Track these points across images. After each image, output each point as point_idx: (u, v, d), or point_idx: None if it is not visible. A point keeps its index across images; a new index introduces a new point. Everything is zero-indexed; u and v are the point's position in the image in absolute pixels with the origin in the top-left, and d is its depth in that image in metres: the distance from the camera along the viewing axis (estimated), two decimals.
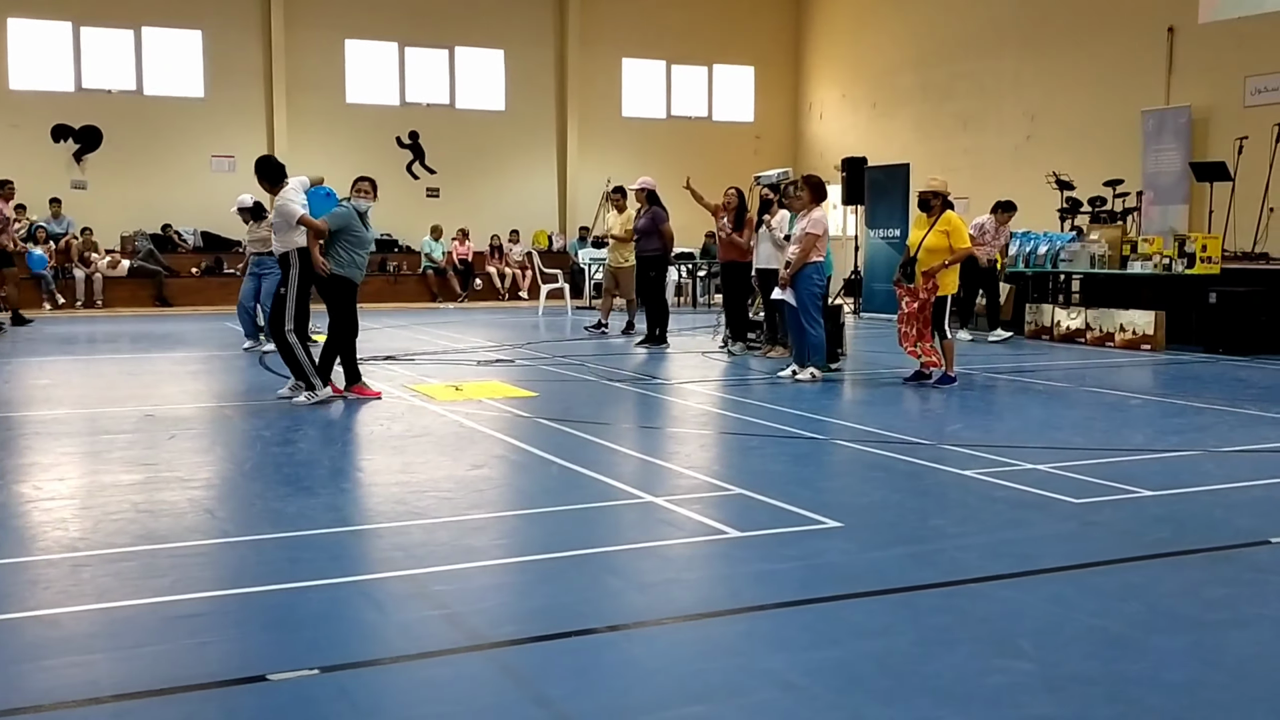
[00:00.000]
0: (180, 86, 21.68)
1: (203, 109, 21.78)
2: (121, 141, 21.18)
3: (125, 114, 21.24)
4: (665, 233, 13.72)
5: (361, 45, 22.88)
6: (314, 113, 22.46)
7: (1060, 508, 5.51)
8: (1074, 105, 19.02)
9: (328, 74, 22.57)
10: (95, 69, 21.15)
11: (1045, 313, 14.39)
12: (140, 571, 4.49)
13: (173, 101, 21.59)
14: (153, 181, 21.27)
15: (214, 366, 11.60)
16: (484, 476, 6.35)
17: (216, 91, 21.84)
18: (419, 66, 23.42)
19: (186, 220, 21.59)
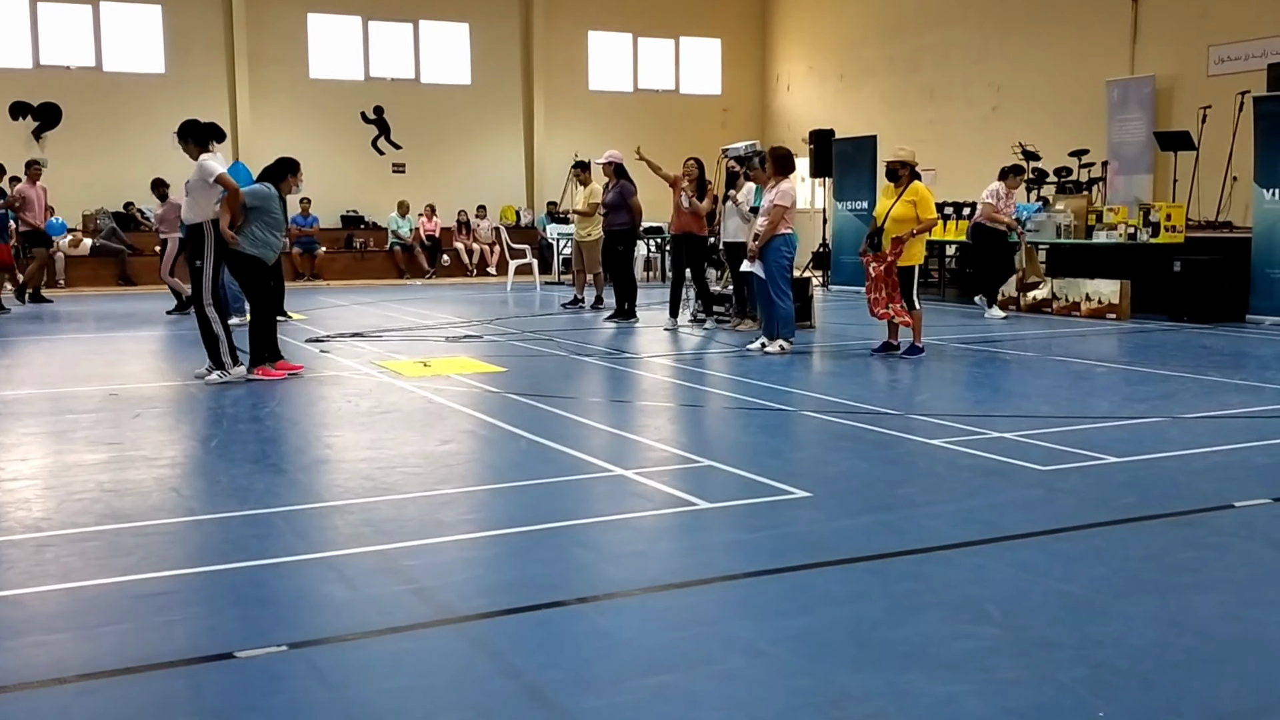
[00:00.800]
0: (140, 62, 21.37)
1: (163, 85, 21.48)
2: (81, 118, 20.87)
3: (84, 90, 20.93)
4: (634, 206, 13.67)
5: (325, 19, 22.61)
6: (277, 88, 22.20)
7: (1027, 475, 5.55)
8: (1039, 76, 19.07)
9: (290, 49, 22.30)
10: (53, 45, 20.80)
11: (1011, 283, 14.45)
12: (105, 550, 4.45)
13: (133, 77, 21.29)
14: (114, 159, 20.98)
15: (178, 345, 11.49)
16: (453, 451, 6.33)
17: (177, 67, 21.54)
18: (383, 41, 23.17)
19: (149, 198, 21.22)
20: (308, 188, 21.43)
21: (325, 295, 17.98)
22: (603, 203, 13.90)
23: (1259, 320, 12.30)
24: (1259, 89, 13.72)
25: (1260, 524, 4.76)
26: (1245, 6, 15.70)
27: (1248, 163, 12.98)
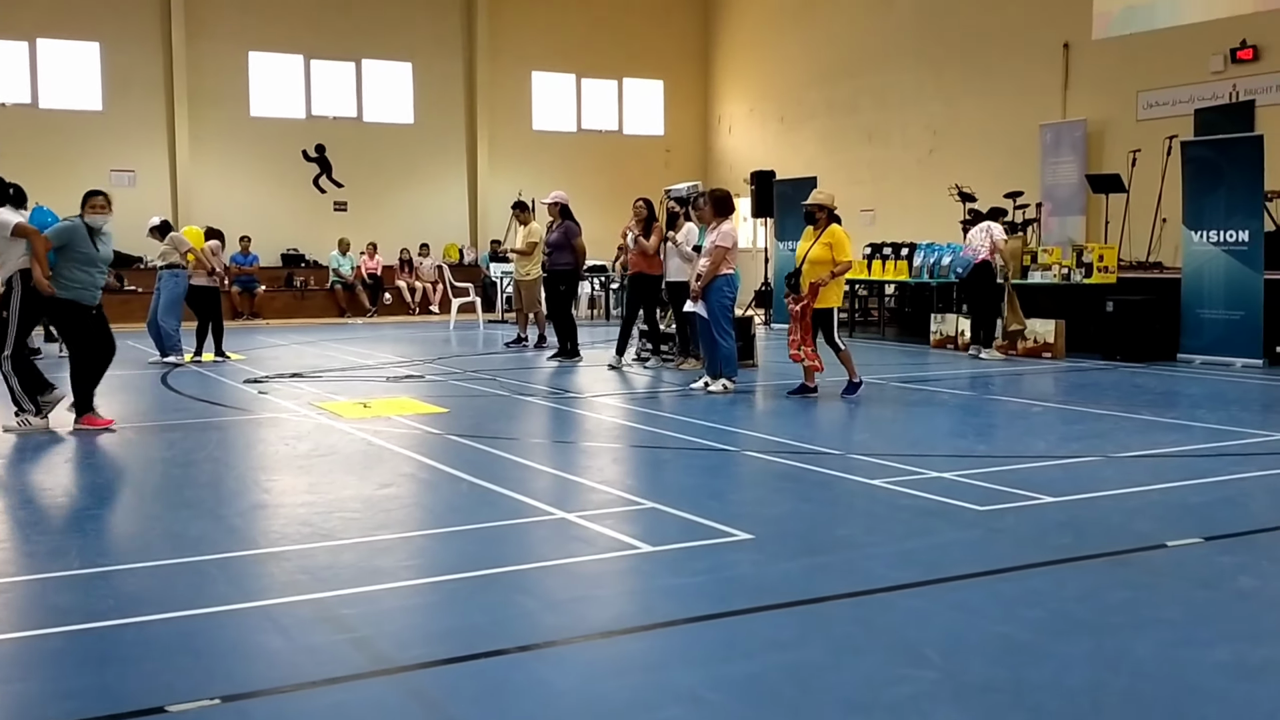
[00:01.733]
0: (78, 99, 21.13)
1: (101, 122, 21.25)
2: (16, 156, 20.45)
3: (20, 127, 20.62)
4: (578, 247, 13.71)
5: (266, 58, 22.52)
6: (217, 126, 22.03)
7: (965, 515, 5.61)
8: (974, 119, 19.46)
9: (231, 87, 22.17)
10: None
11: (950, 322, 14.65)
12: (26, 603, 4.33)
13: (70, 114, 21.03)
14: (49, 196, 20.47)
15: (113, 386, 11.25)
16: (392, 495, 6.27)
17: (115, 104, 21.32)
18: (325, 79, 23.12)
19: None
20: (246, 225, 21.45)
21: (264, 335, 17.78)
22: (546, 242, 13.92)
23: (1189, 359, 12.56)
24: (1186, 133, 14.10)
25: (1192, 564, 4.84)
26: (1172, 54, 16.16)
27: (1177, 205, 13.31)
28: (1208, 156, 12.66)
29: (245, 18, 22.03)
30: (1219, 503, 5.94)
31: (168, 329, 13.03)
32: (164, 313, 13.03)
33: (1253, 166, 12.18)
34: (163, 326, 13.04)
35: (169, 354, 12.97)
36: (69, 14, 20.74)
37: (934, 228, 17.18)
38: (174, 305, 13.07)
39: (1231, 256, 12.29)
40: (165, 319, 13.03)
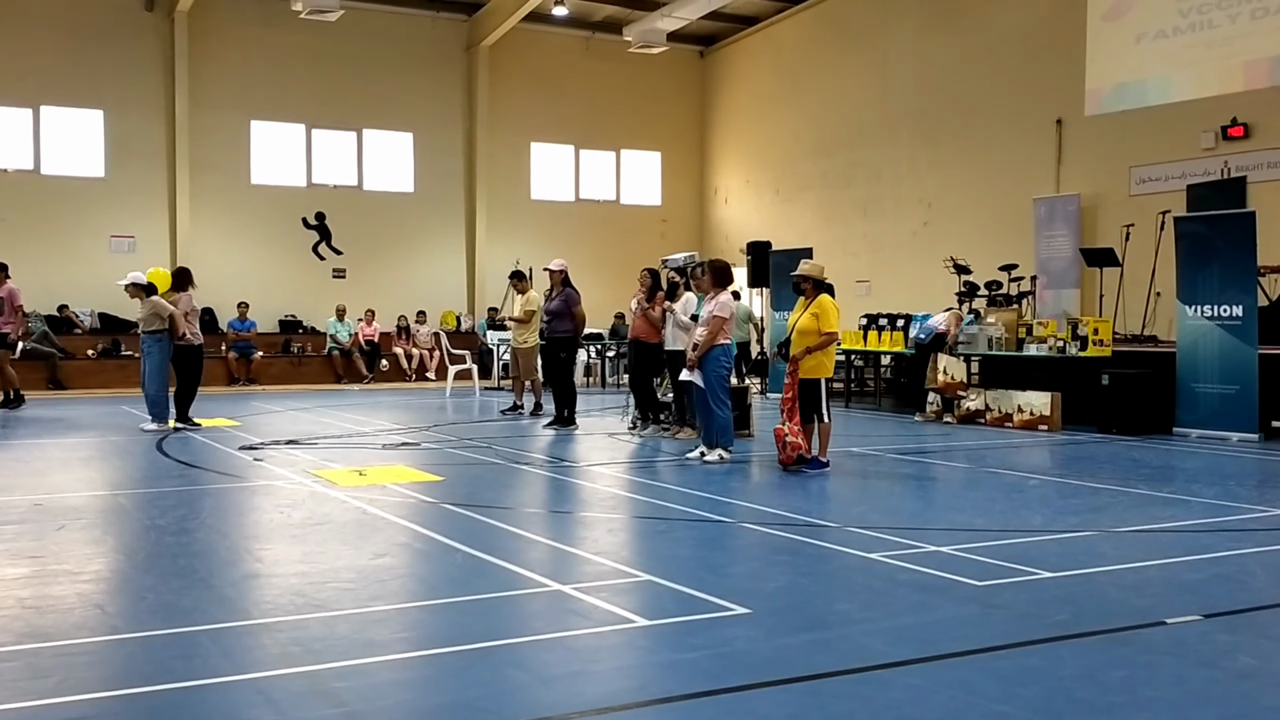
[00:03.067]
0: (80, 166, 21.33)
1: (103, 189, 21.43)
2: (18, 221, 20.69)
3: (22, 193, 20.80)
4: (578, 315, 13.77)
5: (267, 126, 22.78)
6: (217, 193, 22.22)
7: (963, 590, 5.58)
8: (968, 193, 19.67)
9: (232, 155, 22.40)
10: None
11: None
12: (23, 672, 4.29)
13: (72, 181, 21.22)
14: (50, 261, 20.78)
15: (108, 452, 11.27)
16: (386, 566, 6.23)
17: (117, 171, 21.52)
18: (326, 148, 23.37)
19: (84, 301, 21.11)
20: (245, 291, 21.54)
21: (260, 400, 17.77)
22: (546, 309, 13.99)
23: (1185, 433, 12.57)
24: (1179, 209, 14.25)
25: (1191, 641, 4.81)
26: (1164, 131, 16.38)
27: (1171, 279, 13.41)
28: (1201, 232, 12.78)
29: (248, 87, 22.32)
30: (1217, 579, 5.91)
31: (154, 395, 12.93)
32: (148, 380, 12.92)
33: (1245, 241, 12.29)
34: (149, 394, 12.95)
35: (159, 421, 12.89)
36: (73, 82, 21.00)
37: (929, 299, 17.29)
38: (158, 371, 12.90)
39: (1226, 331, 12.36)
40: (151, 386, 12.91)
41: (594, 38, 25.15)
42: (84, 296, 21.06)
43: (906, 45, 20.98)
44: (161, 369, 12.94)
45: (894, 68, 21.23)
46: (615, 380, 21.78)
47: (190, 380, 13.35)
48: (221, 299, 21.52)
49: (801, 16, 23.70)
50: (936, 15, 20.43)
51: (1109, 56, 16.36)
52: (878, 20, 21.69)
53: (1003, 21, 19.14)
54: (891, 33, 21.34)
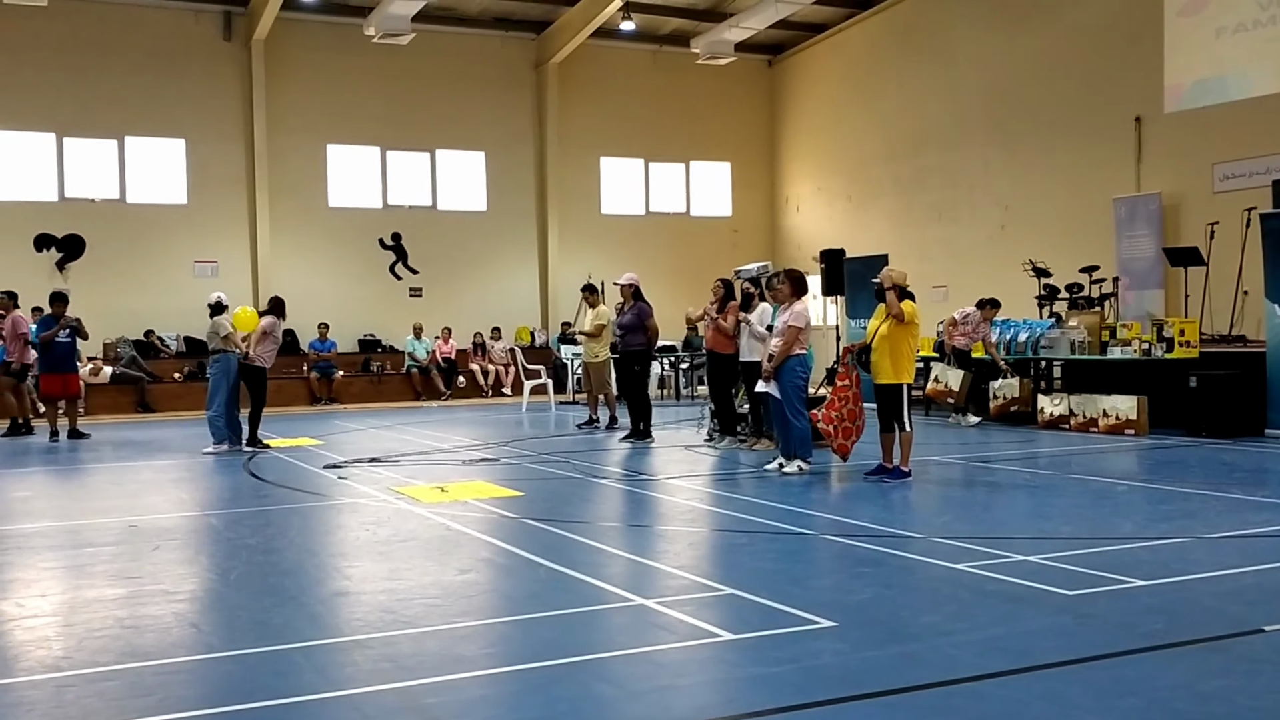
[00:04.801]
0: (163, 194, 21.86)
1: (185, 215, 21.95)
2: (105, 249, 21.29)
3: (108, 222, 21.38)
4: (650, 328, 13.81)
5: (343, 150, 23.17)
6: (296, 217, 22.65)
7: (1053, 600, 5.49)
8: (1046, 194, 19.36)
9: (310, 179, 22.82)
10: (78, 178, 21.33)
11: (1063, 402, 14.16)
12: (125, 691, 4.41)
13: (156, 209, 21.75)
14: (136, 288, 21.34)
15: (198, 473, 11.53)
16: (471, 581, 6.29)
17: (199, 198, 22.03)
18: (401, 169, 23.72)
19: (169, 326, 21.63)
20: (324, 312, 21.92)
21: (342, 419, 18.06)
22: (619, 324, 14.05)
23: (1278, 434, 12.23)
24: (1265, 205, 13.89)
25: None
26: (1246, 125, 15.98)
27: (1258, 277, 13.08)
28: None
29: (323, 112, 22.73)
30: None
31: (212, 415, 13.03)
32: (209, 400, 13.09)
33: None
34: (208, 414, 13.11)
35: (217, 441, 12.97)
36: (156, 112, 21.54)
37: (1008, 304, 17.01)
38: (215, 391, 12.98)
39: None
40: (210, 406, 13.04)
41: (661, 51, 25.22)
42: (170, 321, 21.58)
43: (977, 47, 20.74)
44: (219, 389, 12.98)
45: (965, 70, 21.00)
46: (690, 392, 21.78)
47: (257, 399, 13.38)
48: (302, 320, 21.89)
49: (869, 22, 23.54)
50: (1007, 16, 20.18)
51: (1187, 52, 16.02)
52: (947, 23, 21.48)
53: (1076, 20, 18.83)
54: (961, 35, 21.12)
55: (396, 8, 20.43)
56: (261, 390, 13.42)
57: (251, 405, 13.35)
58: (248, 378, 13.23)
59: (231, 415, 13.11)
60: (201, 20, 21.90)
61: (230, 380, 13.04)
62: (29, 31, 20.40)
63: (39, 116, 20.82)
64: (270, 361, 13.52)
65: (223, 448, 12.94)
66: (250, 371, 13.22)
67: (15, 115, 20.69)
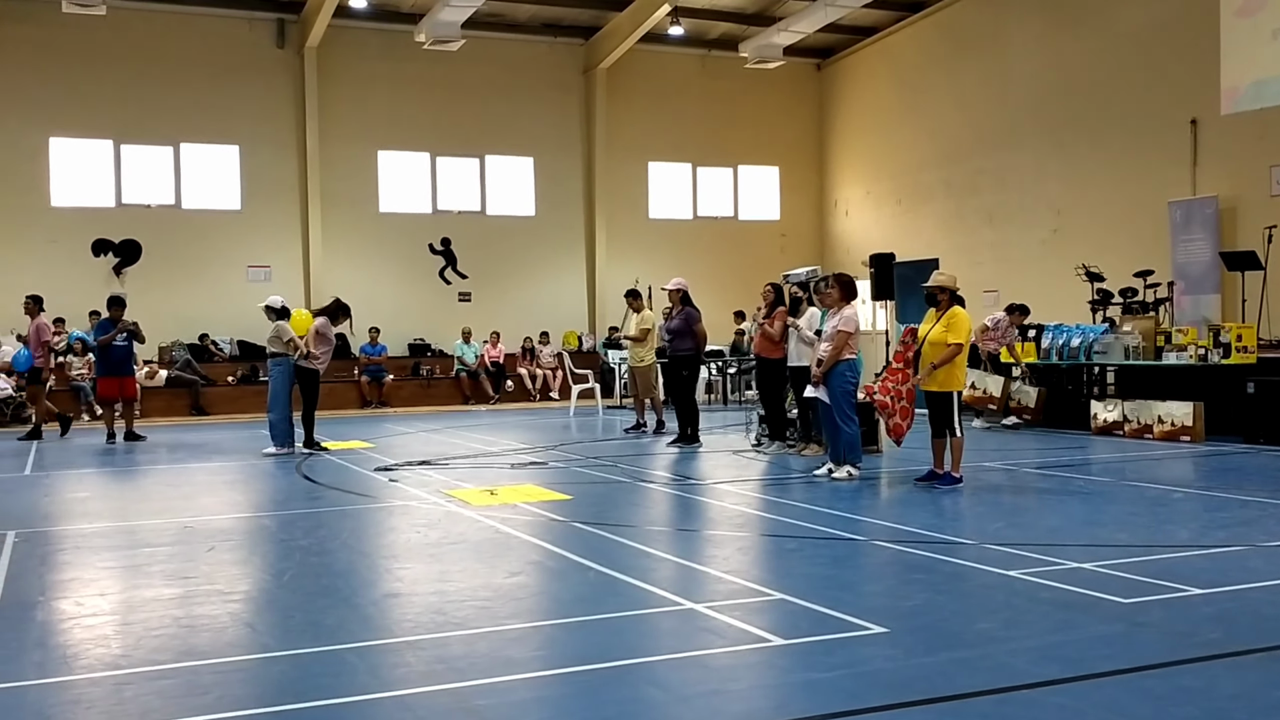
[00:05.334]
0: (218, 199, 22.19)
1: (239, 221, 22.26)
2: (160, 254, 21.63)
3: (164, 227, 21.72)
4: (699, 333, 13.80)
5: (394, 156, 23.40)
6: (348, 222, 22.88)
7: (1108, 608, 5.42)
8: (1099, 198, 19.13)
9: (361, 184, 23.05)
10: (135, 184, 21.70)
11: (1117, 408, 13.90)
12: (183, 689, 4.47)
13: (210, 214, 22.08)
14: (190, 292, 21.65)
15: (251, 475, 11.67)
16: (521, 584, 6.32)
17: (253, 204, 22.33)
18: (450, 175, 23.90)
19: (223, 330, 21.93)
20: (375, 317, 22.12)
21: (392, 422, 18.21)
22: (667, 328, 14.05)
23: None
24: None
25: None
26: None
27: None
28: None
29: (374, 118, 22.96)
30: None
31: (274, 419, 13.22)
32: (270, 404, 13.27)
33: None
34: (270, 417, 13.29)
35: (279, 445, 13.15)
36: (210, 119, 21.86)
37: (1061, 308, 16.85)
38: (278, 395, 13.21)
39: None
40: (272, 409, 13.23)
41: (710, 55, 25.23)
42: (223, 325, 21.88)
43: (1029, 50, 20.55)
44: (280, 393, 13.22)
45: (1017, 73, 20.81)
46: (737, 397, 21.73)
47: (309, 402, 13.48)
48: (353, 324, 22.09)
49: (920, 25, 23.40)
50: (1060, 18, 19.97)
51: (1244, 53, 15.78)
52: (998, 26, 21.29)
53: (1130, 22, 18.61)
54: (1013, 38, 20.93)
55: (447, 14, 20.60)
56: (314, 393, 13.52)
57: (304, 407, 13.46)
58: (301, 380, 13.36)
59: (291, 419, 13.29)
60: (255, 28, 22.21)
61: (291, 384, 13.20)
62: (88, 40, 20.79)
63: (97, 124, 21.21)
64: (324, 364, 13.65)
65: (285, 450, 13.10)
66: (304, 374, 13.34)
67: (75, 123, 21.10)
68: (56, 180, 21.15)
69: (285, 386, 13.24)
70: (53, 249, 20.88)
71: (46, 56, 20.76)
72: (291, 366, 13.21)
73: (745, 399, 20.90)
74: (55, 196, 21.12)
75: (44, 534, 8.18)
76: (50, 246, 20.87)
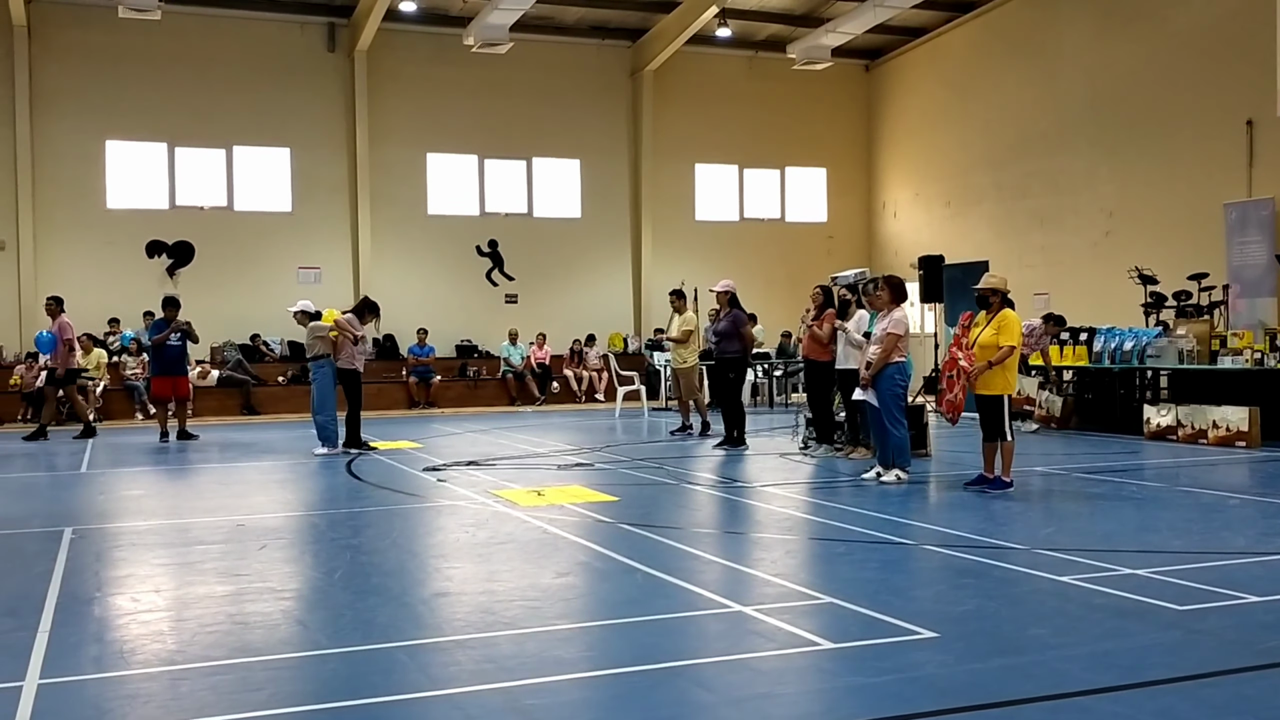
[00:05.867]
0: (269, 201, 22.44)
1: (290, 222, 22.50)
2: (213, 255, 21.91)
3: (217, 229, 22.01)
4: (746, 335, 13.77)
5: (442, 159, 23.55)
6: (396, 224, 23.07)
7: (1163, 615, 5.35)
8: (1152, 200, 18.88)
9: (410, 187, 23.23)
10: (188, 187, 22.01)
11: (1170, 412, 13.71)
12: (237, 685, 4.52)
13: (262, 216, 22.34)
14: (242, 293, 21.91)
15: (301, 474, 11.79)
16: (569, 585, 6.34)
17: (303, 206, 22.56)
18: (498, 177, 24.02)
19: (274, 330, 22.16)
20: (423, 318, 22.29)
21: (439, 423, 18.33)
22: (715, 330, 14.03)
23: None
24: None
25: None
26: None
27: None
28: None
29: (423, 121, 23.13)
30: None
31: (322, 420, 13.30)
32: (317, 405, 13.33)
33: None
34: (317, 419, 13.36)
35: (330, 445, 13.26)
36: (262, 121, 22.13)
37: (1112, 311, 16.64)
38: (324, 397, 13.29)
39: None
40: (319, 411, 13.30)
41: (757, 57, 25.17)
42: (274, 326, 22.10)
43: (1081, 51, 20.32)
44: (325, 394, 13.30)
45: (1068, 74, 20.58)
46: (783, 400, 21.67)
47: (354, 402, 13.53)
48: (401, 325, 22.33)
49: (970, 26, 23.21)
50: (1112, 19, 19.73)
51: None
52: (1049, 26, 21.07)
53: (1184, 22, 18.35)
54: (1064, 38, 20.70)
55: (495, 18, 20.71)
56: (357, 393, 13.60)
57: (349, 408, 13.55)
58: (344, 381, 13.45)
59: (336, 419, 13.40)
60: (307, 32, 22.44)
61: (334, 385, 13.31)
62: (143, 45, 21.11)
63: (152, 127, 21.54)
64: (360, 363, 13.69)
65: (336, 450, 13.22)
66: (345, 375, 13.43)
67: (130, 126, 21.43)
68: (113, 183, 21.49)
69: (329, 387, 13.33)
70: (109, 250, 21.23)
71: (103, 61, 21.11)
72: (334, 368, 13.30)
73: (792, 401, 20.84)
74: (111, 199, 21.46)
75: (100, 531, 8.32)
76: (106, 248, 21.22)
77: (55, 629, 5.39)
